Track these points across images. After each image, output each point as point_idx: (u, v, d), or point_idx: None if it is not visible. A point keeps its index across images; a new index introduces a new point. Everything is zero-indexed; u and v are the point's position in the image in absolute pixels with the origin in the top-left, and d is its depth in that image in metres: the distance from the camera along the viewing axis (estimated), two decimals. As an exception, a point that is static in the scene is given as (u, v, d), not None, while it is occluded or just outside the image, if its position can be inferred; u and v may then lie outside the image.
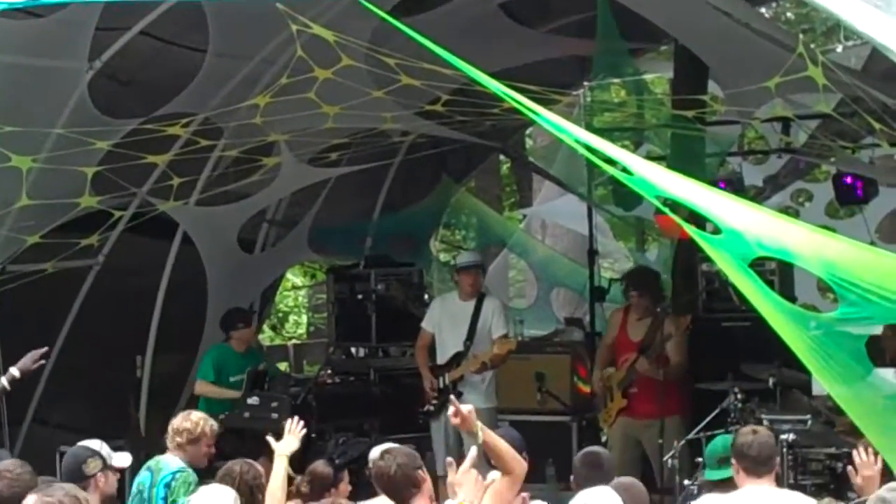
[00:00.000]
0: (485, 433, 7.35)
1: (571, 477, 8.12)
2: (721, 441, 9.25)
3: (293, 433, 9.28)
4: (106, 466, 8.43)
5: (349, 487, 9.79)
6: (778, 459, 8.96)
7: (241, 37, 12.03)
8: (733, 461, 7.88)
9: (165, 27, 12.50)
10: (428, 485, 7.41)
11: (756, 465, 7.76)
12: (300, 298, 27.57)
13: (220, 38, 12.33)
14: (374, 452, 8.06)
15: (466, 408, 7.52)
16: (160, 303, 15.59)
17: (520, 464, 7.32)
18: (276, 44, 12.24)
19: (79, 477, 8.10)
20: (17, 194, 12.37)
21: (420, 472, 7.41)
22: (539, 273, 17.46)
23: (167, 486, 9.37)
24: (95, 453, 8.47)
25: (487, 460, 7.54)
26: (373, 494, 8.26)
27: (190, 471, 9.44)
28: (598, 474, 7.95)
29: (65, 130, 12.20)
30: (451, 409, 7.47)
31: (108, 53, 12.41)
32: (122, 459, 8.93)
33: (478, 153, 18.07)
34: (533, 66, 13.45)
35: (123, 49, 12.54)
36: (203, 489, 8.19)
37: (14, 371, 10.71)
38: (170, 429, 9.72)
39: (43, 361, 11.15)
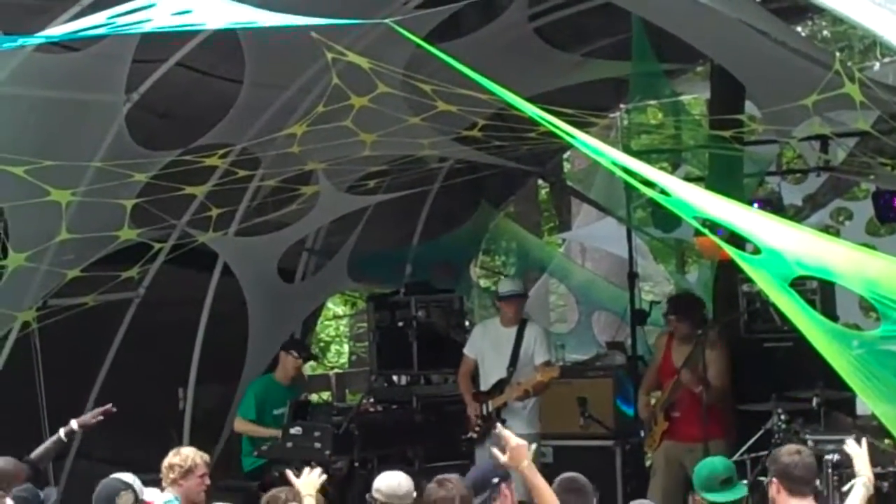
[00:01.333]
0: (528, 471, 7.43)
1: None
2: (720, 461, 9.25)
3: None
4: (137, 500, 8.43)
5: None
6: (818, 480, 9.01)
7: (277, 66, 12.08)
8: (774, 480, 7.87)
9: (202, 58, 12.59)
10: None
11: (800, 485, 7.78)
12: (341, 328, 27.62)
13: (256, 69, 12.38)
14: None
15: (516, 441, 7.59)
16: (201, 334, 15.66)
17: None
18: (311, 72, 12.32)
19: None
20: (57, 228, 12.42)
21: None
22: (579, 297, 17.46)
23: None
24: (128, 486, 8.47)
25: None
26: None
27: None
28: (579, 499, 8.07)
29: (103, 163, 12.25)
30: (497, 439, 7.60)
31: (144, 86, 12.48)
32: (153, 494, 8.98)
33: (516, 178, 18.09)
34: (569, 89, 13.45)
35: (160, 81, 12.61)
36: None
37: (73, 424, 10.78)
38: (162, 467, 9.78)
39: (102, 418, 11.24)
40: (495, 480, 8.64)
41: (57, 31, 9.50)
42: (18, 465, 8.64)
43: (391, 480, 8.38)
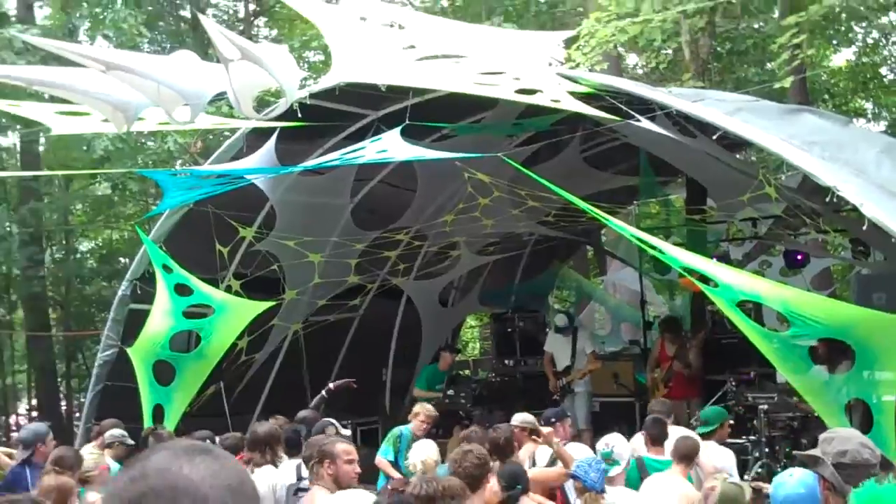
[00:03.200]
0: (557, 446, 7.56)
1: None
2: (711, 410, 9.17)
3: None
4: (337, 431, 8.26)
5: None
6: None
7: (437, 181, 12.15)
8: None
9: (392, 177, 12.71)
10: None
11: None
12: (475, 332, 27.56)
13: (424, 183, 12.50)
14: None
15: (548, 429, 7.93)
16: (395, 337, 15.79)
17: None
18: (455, 184, 12.26)
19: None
20: (313, 277, 12.65)
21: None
22: (612, 314, 17.32)
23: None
24: (332, 423, 8.46)
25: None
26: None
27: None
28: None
29: (338, 238, 12.47)
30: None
31: (360, 194, 12.67)
32: (345, 430, 8.79)
33: (574, 245, 18.06)
34: (604, 192, 13.43)
35: (369, 191, 12.79)
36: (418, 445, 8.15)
37: (330, 385, 10.85)
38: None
39: (349, 384, 11.18)
40: (553, 419, 8.68)
41: (310, 162, 9.70)
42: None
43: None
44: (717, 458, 7.86)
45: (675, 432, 8.07)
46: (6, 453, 8.67)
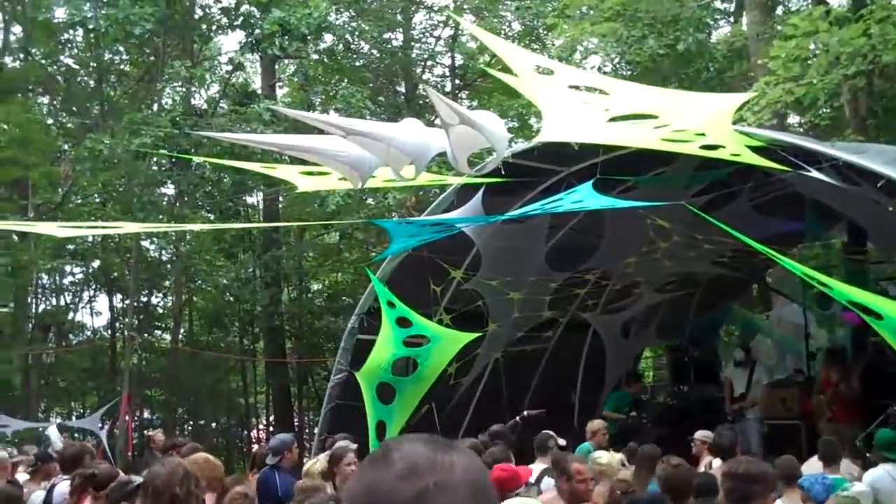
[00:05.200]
0: None
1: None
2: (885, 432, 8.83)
3: None
4: (556, 444, 8.21)
5: None
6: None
7: (622, 228, 12.02)
8: None
9: (583, 225, 12.62)
10: None
11: None
12: (648, 362, 26.94)
13: (612, 229, 12.38)
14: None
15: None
16: (582, 365, 15.81)
17: None
18: (638, 230, 12.01)
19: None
20: (512, 312, 12.87)
21: None
22: (779, 345, 16.80)
23: None
24: (552, 436, 8.40)
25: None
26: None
27: None
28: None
29: (534, 278, 12.68)
30: None
31: (554, 239, 12.82)
32: (562, 441, 8.63)
33: (742, 283, 17.65)
34: (770, 236, 13.12)
35: (562, 236, 12.90)
36: None
37: (525, 413, 11.05)
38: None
39: (541, 414, 11.34)
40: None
41: (513, 212, 9.97)
42: None
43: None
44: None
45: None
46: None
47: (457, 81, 26.98)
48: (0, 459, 7.37)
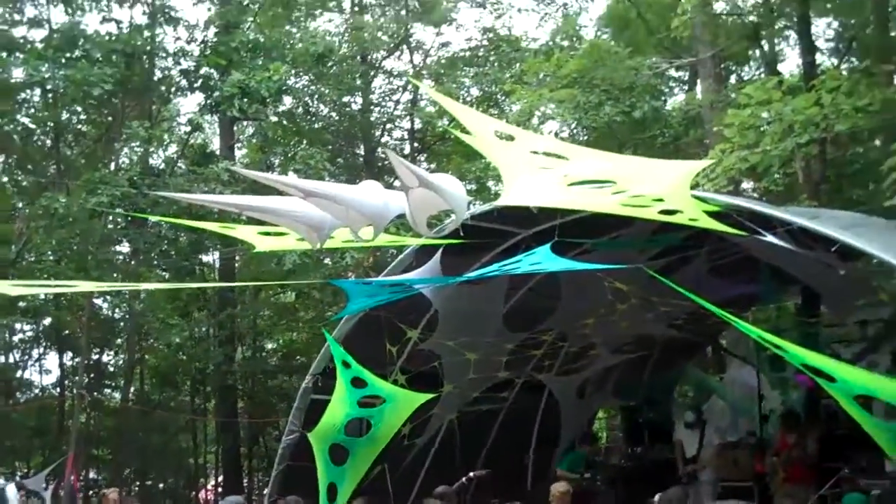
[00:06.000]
0: None
1: None
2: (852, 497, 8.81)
3: None
4: None
5: None
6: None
7: (579, 290, 12.05)
8: None
9: (540, 286, 12.52)
10: None
11: None
12: (602, 422, 26.75)
13: (568, 291, 12.46)
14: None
15: None
16: (538, 424, 15.67)
17: None
18: (595, 293, 11.87)
19: None
20: (468, 373, 12.73)
21: None
22: (732, 406, 16.79)
23: None
24: None
25: None
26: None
27: None
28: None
29: (491, 339, 12.59)
30: None
31: (511, 300, 12.75)
32: None
33: (697, 345, 17.67)
34: (725, 299, 13.16)
35: (518, 298, 12.82)
36: None
37: (471, 474, 10.93)
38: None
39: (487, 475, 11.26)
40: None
41: (472, 273, 9.88)
42: None
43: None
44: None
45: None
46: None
47: (416, 144, 27.10)
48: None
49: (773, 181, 14.69)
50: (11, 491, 12.64)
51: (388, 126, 27.04)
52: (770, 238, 7.57)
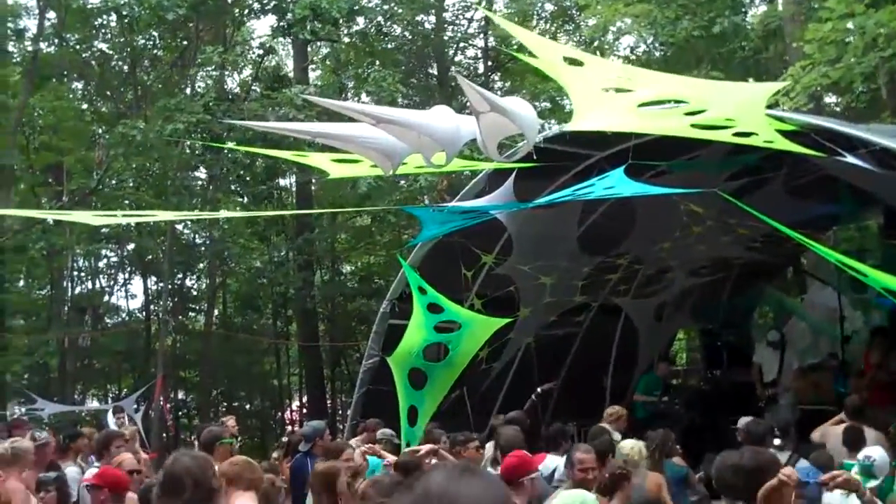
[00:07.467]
0: None
1: None
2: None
3: None
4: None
5: None
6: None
7: (654, 213, 11.93)
8: None
9: (615, 210, 12.18)
10: None
11: None
12: (682, 343, 26.78)
13: (643, 214, 12.37)
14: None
15: None
16: (614, 348, 15.78)
17: None
18: (671, 215, 11.85)
19: None
20: (544, 297, 12.87)
21: None
22: (813, 328, 16.66)
23: None
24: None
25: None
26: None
27: None
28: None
29: (566, 263, 12.66)
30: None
31: (584, 225, 12.69)
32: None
33: (777, 267, 17.52)
34: (805, 219, 13.00)
35: (591, 223, 12.67)
36: None
37: (538, 389, 11.12)
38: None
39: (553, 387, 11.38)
40: None
41: (544, 198, 9.90)
42: None
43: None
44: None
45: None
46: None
47: (489, 63, 26.87)
48: (24, 450, 6.76)
49: (857, 97, 14.26)
50: (110, 417, 13.26)
51: (462, 45, 26.82)
52: (850, 159, 7.44)
